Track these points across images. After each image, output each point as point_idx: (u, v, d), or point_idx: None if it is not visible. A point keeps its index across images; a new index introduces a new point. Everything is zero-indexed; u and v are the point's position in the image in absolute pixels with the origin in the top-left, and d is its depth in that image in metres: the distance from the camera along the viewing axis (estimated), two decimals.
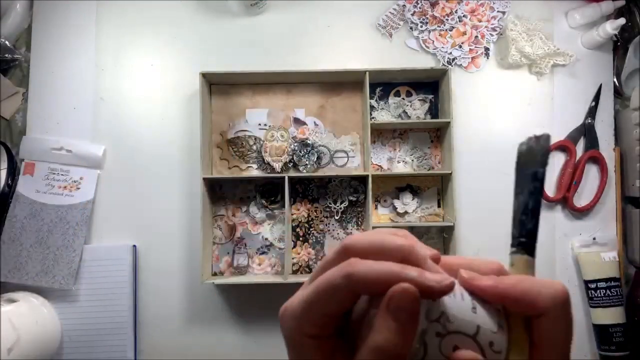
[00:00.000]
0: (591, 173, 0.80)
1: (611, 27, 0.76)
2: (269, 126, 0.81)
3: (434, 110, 0.81)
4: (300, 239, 0.80)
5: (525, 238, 0.27)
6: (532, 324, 0.25)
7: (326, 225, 0.80)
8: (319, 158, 0.80)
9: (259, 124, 0.81)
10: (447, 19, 0.82)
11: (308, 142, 0.80)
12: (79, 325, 0.77)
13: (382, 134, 0.81)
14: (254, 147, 0.81)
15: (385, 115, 0.81)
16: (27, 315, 0.71)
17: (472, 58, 0.82)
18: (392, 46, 0.82)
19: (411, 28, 0.82)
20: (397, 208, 0.79)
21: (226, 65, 0.81)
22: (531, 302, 0.24)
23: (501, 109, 0.81)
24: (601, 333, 0.76)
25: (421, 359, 0.23)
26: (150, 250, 0.80)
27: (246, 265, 0.80)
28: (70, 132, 0.81)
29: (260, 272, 0.79)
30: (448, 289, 0.23)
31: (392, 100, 0.82)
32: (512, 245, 0.28)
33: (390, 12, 0.83)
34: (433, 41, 0.82)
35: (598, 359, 0.77)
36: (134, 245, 0.79)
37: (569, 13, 0.82)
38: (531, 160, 0.29)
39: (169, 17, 0.83)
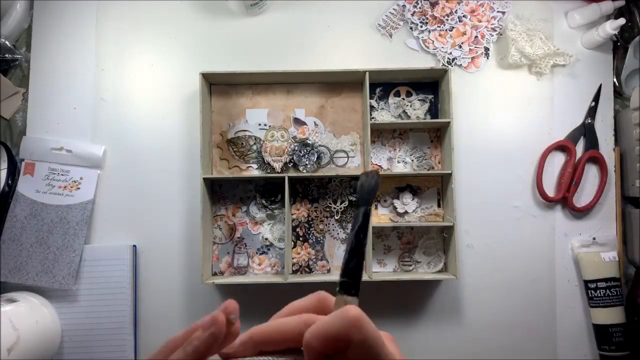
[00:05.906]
0: (591, 173, 0.80)
1: (611, 27, 0.76)
2: (269, 126, 0.81)
3: (433, 110, 0.81)
4: (300, 239, 0.80)
5: (346, 277, 0.27)
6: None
7: (326, 225, 0.80)
8: (319, 158, 0.80)
9: (259, 124, 0.81)
10: (447, 19, 0.82)
11: (308, 142, 0.80)
12: (79, 325, 0.77)
13: (382, 134, 0.81)
14: (254, 147, 0.81)
15: (385, 115, 0.81)
16: (27, 315, 0.71)
17: (472, 58, 0.82)
18: (392, 46, 0.82)
19: (411, 28, 0.82)
20: (397, 208, 0.79)
21: (226, 65, 0.81)
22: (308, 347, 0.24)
23: (501, 109, 0.81)
24: (601, 333, 0.76)
25: None
26: (150, 250, 0.80)
27: (246, 265, 0.80)
28: (70, 132, 0.81)
29: (260, 272, 0.79)
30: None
31: (392, 100, 0.82)
32: (338, 285, 0.27)
33: (390, 12, 0.83)
34: (433, 41, 0.82)
35: (598, 359, 0.77)
36: (134, 245, 0.79)
37: (568, 13, 0.82)
38: (361, 197, 0.29)
39: (169, 17, 0.83)
